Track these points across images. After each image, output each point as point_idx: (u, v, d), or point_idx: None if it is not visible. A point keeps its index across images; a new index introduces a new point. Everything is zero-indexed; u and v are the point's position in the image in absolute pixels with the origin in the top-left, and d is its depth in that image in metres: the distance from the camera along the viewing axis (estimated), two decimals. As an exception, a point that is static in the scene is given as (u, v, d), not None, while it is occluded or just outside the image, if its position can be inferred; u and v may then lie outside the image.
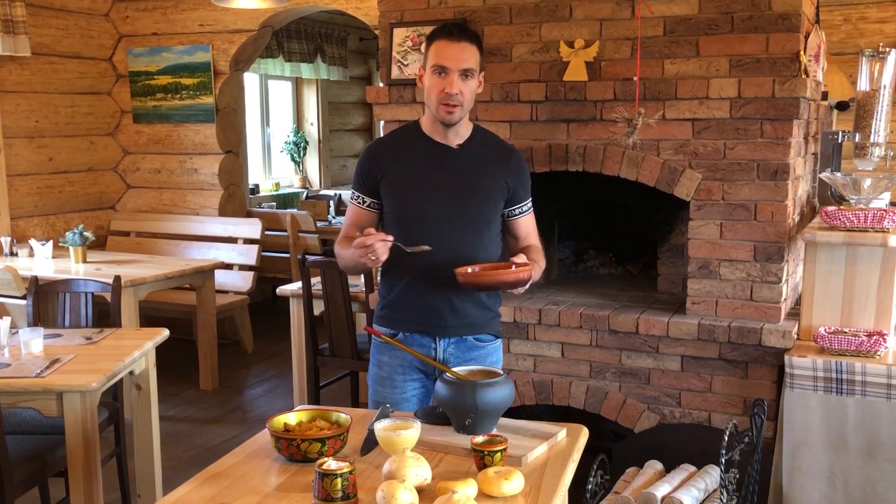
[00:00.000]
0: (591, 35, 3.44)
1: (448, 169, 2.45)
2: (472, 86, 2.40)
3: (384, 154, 2.51)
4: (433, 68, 2.37)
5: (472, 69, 2.37)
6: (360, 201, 2.52)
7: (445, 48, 2.36)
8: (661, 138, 3.32)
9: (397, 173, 2.46)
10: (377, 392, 2.54)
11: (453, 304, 2.45)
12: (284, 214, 7.10)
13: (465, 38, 2.38)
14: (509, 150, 2.58)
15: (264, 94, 8.96)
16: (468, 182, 2.45)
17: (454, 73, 2.35)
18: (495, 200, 2.49)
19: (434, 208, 2.42)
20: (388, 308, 2.53)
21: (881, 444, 2.93)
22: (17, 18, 5.32)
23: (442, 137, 2.46)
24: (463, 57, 2.36)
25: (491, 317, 2.55)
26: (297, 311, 4.54)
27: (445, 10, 3.67)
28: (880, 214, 3.04)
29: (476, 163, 2.47)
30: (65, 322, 3.79)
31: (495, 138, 2.60)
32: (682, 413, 3.37)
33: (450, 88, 2.34)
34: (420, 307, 2.46)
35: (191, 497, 1.80)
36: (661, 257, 3.82)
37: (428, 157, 2.46)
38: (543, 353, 3.56)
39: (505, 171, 2.50)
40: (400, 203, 2.46)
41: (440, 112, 2.39)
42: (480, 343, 2.52)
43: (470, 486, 1.73)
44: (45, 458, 3.02)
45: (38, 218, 5.87)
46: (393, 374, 2.50)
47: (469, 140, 2.49)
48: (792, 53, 3.15)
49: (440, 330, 2.46)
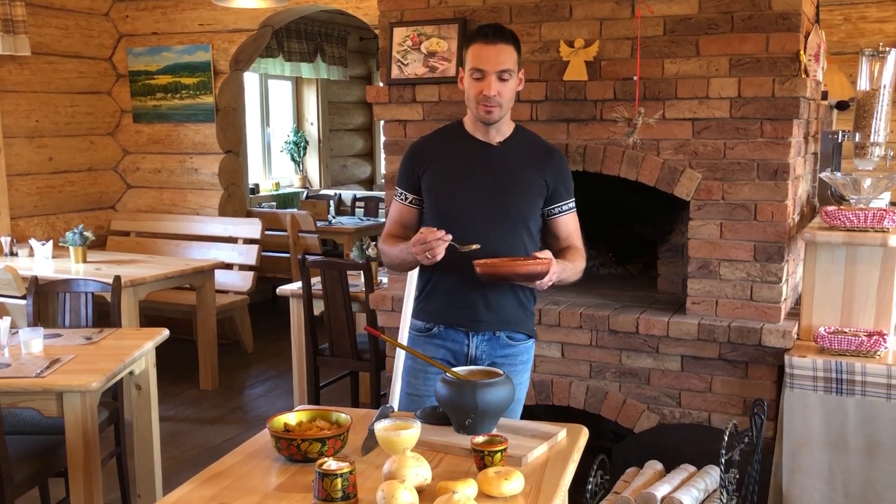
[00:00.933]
0: (591, 35, 3.44)
1: (488, 166, 2.49)
2: (511, 86, 2.43)
3: (426, 151, 2.56)
4: (471, 72, 2.41)
5: (509, 70, 2.40)
6: (402, 198, 2.57)
7: (482, 51, 2.40)
8: (661, 138, 3.32)
9: (438, 169, 2.51)
10: (410, 384, 2.57)
11: (488, 298, 2.47)
12: (284, 214, 7.10)
13: (500, 40, 2.40)
14: (550, 149, 2.61)
15: (264, 94, 8.96)
16: (508, 179, 2.48)
17: (491, 76, 2.39)
18: (534, 198, 2.51)
19: (473, 204, 2.46)
20: (425, 301, 2.57)
21: (881, 444, 2.93)
22: (17, 18, 5.31)
23: (483, 135, 2.50)
24: (500, 59, 2.39)
25: (526, 315, 2.57)
26: (297, 311, 4.54)
27: (445, 9, 3.67)
28: (880, 214, 3.04)
29: (516, 160, 2.50)
30: (65, 322, 3.79)
31: (536, 138, 2.63)
32: (682, 413, 3.37)
33: (487, 91, 2.38)
34: (455, 301, 2.49)
35: (191, 497, 1.79)
36: (661, 257, 3.82)
37: (468, 154, 2.50)
38: (543, 353, 3.56)
39: (545, 168, 2.52)
40: (439, 198, 2.50)
41: (480, 112, 2.43)
42: (513, 341, 2.54)
43: (470, 486, 1.73)
44: (45, 458, 3.02)
45: (38, 218, 5.87)
46: (426, 367, 2.51)
47: (510, 138, 2.52)
48: (792, 53, 3.15)
49: (474, 325, 2.48)
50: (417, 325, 2.60)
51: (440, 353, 2.52)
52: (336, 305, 4.19)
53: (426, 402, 2.46)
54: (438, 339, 2.53)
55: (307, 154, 9.55)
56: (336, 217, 7.95)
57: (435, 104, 3.66)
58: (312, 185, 9.56)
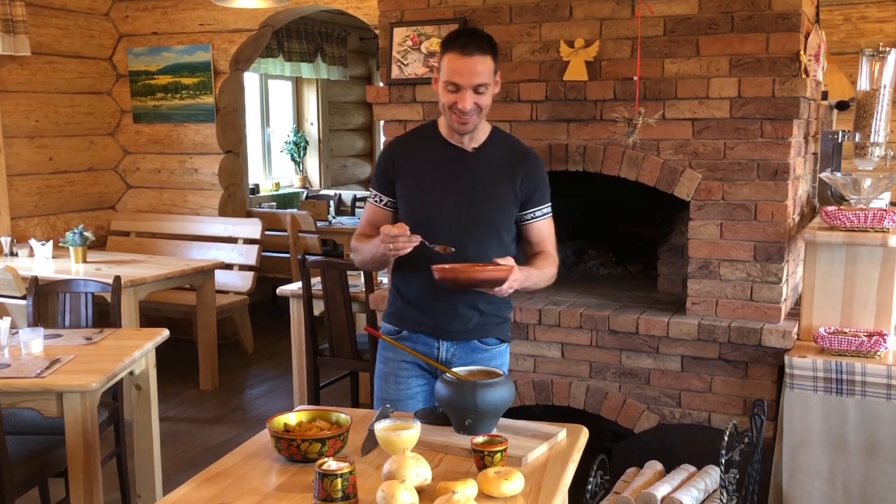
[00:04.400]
0: (591, 35, 3.44)
1: (462, 174, 2.44)
2: (487, 97, 2.37)
3: (401, 154, 2.51)
4: (445, 84, 2.34)
5: (484, 83, 2.33)
6: (377, 199, 2.52)
7: (457, 63, 2.31)
8: (661, 138, 3.32)
9: (412, 176, 2.46)
10: (382, 389, 2.55)
11: (458, 310, 2.43)
12: (284, 214, 7.10)
13: (476, 52, 2.31)
14: (526, 152, 2.54)
15: (264, 94, 8.96)
16: (482, 188, 2.43)
17: (467, 90, 2.32)
18: (508, 207, 2.46)
19: (447, 214, 2.41)
20: (395, 306, 2.54)
21: (881, 444, 2.93)
22: (17, 18, 5.31)
23: (458, 140, 2.45)
24: (476, 72, 2.31)
25: (497, 322, 2.53)
26: (297, 311, 4.54)
27: (445, 9, 3.67)
28: (880, 214, 3.04)
29: (491, 167, 2.45)
30: (65, 322, 3.79)
31: (513, 141, 2.59)
32: (682, 413, 3.37)
33: (462, 105, 2.32)
34: (425, 310, 2.46)
35: (191, 497, 1.80)
36: (661, 257, 3.82)
37: (443, 161, 2.45)
38: (543, 353, 3.56)
39: (520, 174, 2.46)
40: (413, 207, 2.45)
41: (454, 123, 2.38)
42: (485, 345, 2.52)
43: (470, 486, 1.73)
44: (45, 458, 3.02)
45: (38, 218, 5.87)
46: (398, 371, 2.50)
47: (485, 143, 2.47)
48: (792, 53, 3.15)
49: (443, 333, 2.46)
50: (386, 329, 2.57)
51: (410, 356, 2.48)
52: (336, 305, 4.19)
53: (400, 406, 2.45)
54: (408, 342, 2.49)
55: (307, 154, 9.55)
56: (336, 217, 7.95)
57: (435, 104, 3.66)
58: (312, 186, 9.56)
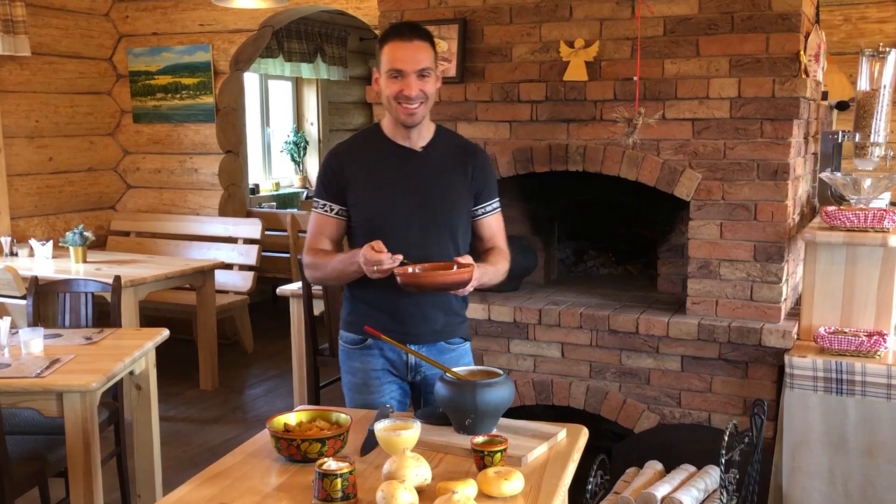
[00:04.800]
0: (591, 35, 3.44)
1: (413, 173, 2.41)
2: (431, 83, 2.35)
3: (348, 160, 2.45)
4: (389, 72, 2.32)
5: (428, 68, 2.32)
6: (326, 209, 2.45)
7: (399, 50, 2.30)
8: (661, 138, 3.32)
9: (363, 180, 2.41)
10: (354, 399, 2.50)
11: (424, 312, 2.41)
12: (284, 214, 7.10)
13: (417, 37, 2.31)
14: (473, 149, 2.52)
15: (264, 94, 8.96)
16: (434, 185, 2.41)
17: (411, 75, 2.30)
18: (463, 202, 2.44)
19: (402, 214, 2.37)
20: (356, 314, 2.48)
21: (881, 444, 2.93)
22: (17, 18, 5.31)
23: (405, 140, 2.41)
24: (418, 57, 2.30)
25: (459, 321, 2.53)
26: (297, 311, 4.54)
27: (445, 9, 3.67)
28: (880, 214, 3.04)
29: (441, 165, 2.43)
30: (65, 322, 3.79)
31: (459, 138, 2.57)
32: (682, 413, 3.37)
33: (408, 91, 2.29)
34: (389, 315, 2.41)
35: (191, 497, 1.80)
36: (661, 257, 3.82)
37: (392, 162, 2.41)
38: (543, 353, 3.56)
39: (470, 170, 2.45)
40: (368, 211, 2.41)
41: (401, 115, 2.34)
42: (450, 345, 2.50)
43: (470, 486, 1.73)
44: (45, 458, 3.02)
45: (38, 218, 5.87)
46: (368, 380, 2.47)
47: (432, 142, 2.44)
48: (792, 53, 3.15)
49: (410, 338, 2.40)
50: (349, 338, 2.51)
51: (379, 363, 2.46)
52: (336, 306, 4.19)
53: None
54: (375, 349, 2.45)
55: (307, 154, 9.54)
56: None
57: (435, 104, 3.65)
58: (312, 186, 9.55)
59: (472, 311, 3.62)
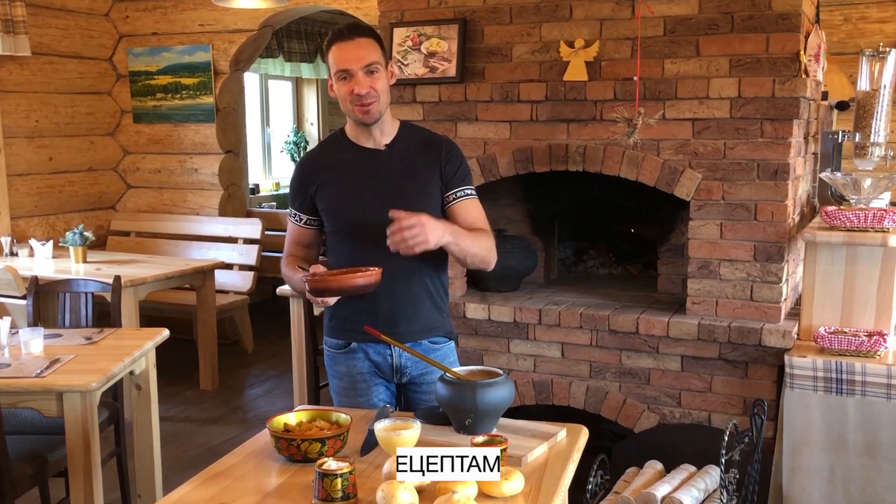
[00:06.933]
0: (591, 35, 3.44)
1: (380, 172, 2.39)
2: (382, 78, 2.33)
3: (314, 168, 2.44)
4: (338, 74, 2.31)
5: (374, 62, 2.30)
6: (297, 219, 2.46)
7: (342, 50, 2.29)
8: (661, 138, 3.32)
9: (329, 186, 2.40)
10: (342, 403, 2.49)
11: (406, 308, 2.39)
12: (284, 214, 7.10)
13: (358, 35, 2.30)
14: (439, 140, 2.49)
15: (264, 94, 8.96)
16: (402, 182, 2.39)
17: (359, 73, 2.29)
18: (432, 194, 2.41)
19: (371, 216, 2.33)
20: (338, 319, 2.45)
21: (881, 444, 2.93)
22: (17, 18, 5.31)
23: (367, 141, 2.40)
24: (361, 54, 2.28)
25: (443, 316, 2.50)
26: (297, 311, 4.54)
27: (445, 10, 3.67)
28: (880, 214, 3.04)
29: (407, 160, 2.41)
30: (65, 322, 3.79)
31: (424, 131, 2.53)
32: (682, 413, 3.37)
33: (358, 89, 2.28)
34: (372, 315, 2.38)
35: (191, 497, 1.79)
36: (661, 257, 3.82)
37: (358, 164, 2.40)
38: (543, 353, 3.56)
39: (436, 161, 2.41)
40: (338, 217, 2.40)
41: (357, 114, 2.33)
42: (435, 345, 2.47)
43: (470, 486, 1.73)
44: (45, 458, 3.02)
45: (38, 218, 5.87)
46: (355, 384, 2.46)
47: (396, 139, 2.43)
48: (792, 53, 3.15)
49: (394, 337, 2.35)
50: (333, 343, 2.48)
51: (365, 366, 2.45)
52: (336, 305, 4.19)
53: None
54: (360, 353, 2.44)
55: (307, 154, 9.55)
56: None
57: (435, 104, 3.66)
58: (312, 186, 9.55)
59: (473, 311, 3.63)
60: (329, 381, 2.56)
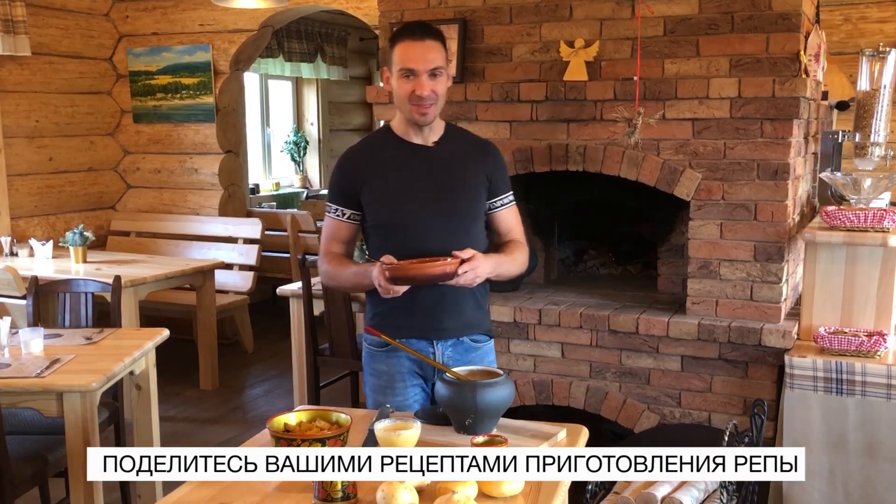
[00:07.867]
0: (591, 35, 3.44)
1: (428, 169, 2.41)
2: (443, 83, 2.36)
3: (360, 163, 2.44)
4: (401, 72, 2.32)
5: (440, 67, 2.33)
6: (339, 214, 2.45)
7: (411, 49, 2.30)
8: (661, 138, 3.32)
9: (377, 181, 2.40)
10: (377, 401, 2.49)
11: (449, 304, 2.40)
12: (284, 214, 7.09)
13: (429, 37, 2.32)
14: (485, 143, 2.54)
15: (264, 94, 8.96)
16: (450, 179, 2.41)
17: (423, 75, 2.30)
18: (479, 194, 2.45)
19: (420, 210, 2.37)
20: (381, 316, 2.45)
21: (881, 444, 2.93)
22: (17, 18, 5.31)
23: (417, 137, 2.42)
24: (429, 57, 2.30)
25: (484, 314, 2.53)
26: (297, 311, 4.54)
27: (445, 9, 3.67)
28: (880, 214, 3.04)
29: (454, 159, 2.43)
30: (65, 322, 3.79)
31: (469, 134, 2.57)
32: (682, 413, 3.37)
33: (420, 91, 2.29)
34: (415, 311, 2.39)
35: (191, 497, 1.80)
36: (661, 257, 3.82)
37: (406, 160, 2.41)
38: (543, 353, 3.56)
39: (483, 163, 2.46)
40: (384, 210, 2.41)
41: (413, 115, 2.34)
42: (476, 344, 2.50)
43: (470, 486, 1.73)
44: (45, 458, 3.02)
45: (38, 218, 5.87)
46: (393, 383, 2.46)
47: (443, 138, 2.45)
48: (792, 53, 3.15)
49: (437, 333, 2.41)
50: (373, 340, 2.48)
51: (406, 365, 2.45)
52: (336, 305, 4.19)
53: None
54: (401, 350, 2.42)
55: (307, 154, 9.54)
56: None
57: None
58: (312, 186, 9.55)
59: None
60: (364, 378, 2.57)
